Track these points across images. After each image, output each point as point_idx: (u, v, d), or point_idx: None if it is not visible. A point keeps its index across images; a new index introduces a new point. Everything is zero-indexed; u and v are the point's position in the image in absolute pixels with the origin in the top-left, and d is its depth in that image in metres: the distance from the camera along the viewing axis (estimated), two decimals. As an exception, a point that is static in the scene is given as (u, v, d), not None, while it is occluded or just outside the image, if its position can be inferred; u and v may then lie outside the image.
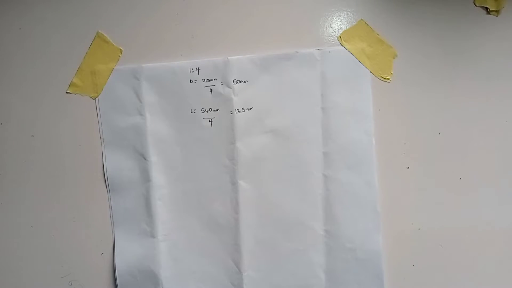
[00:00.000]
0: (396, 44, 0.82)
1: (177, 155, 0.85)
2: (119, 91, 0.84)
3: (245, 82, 0.83)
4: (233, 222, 0.84)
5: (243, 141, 0.83)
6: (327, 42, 0.83)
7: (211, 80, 0.83)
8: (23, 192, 0.87)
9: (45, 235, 0.87)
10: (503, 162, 0.83)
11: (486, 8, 0.81)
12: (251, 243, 0.85)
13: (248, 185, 0.84)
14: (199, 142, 0.84)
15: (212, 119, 0.84)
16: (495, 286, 0.84)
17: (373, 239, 0.83)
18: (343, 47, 0.83)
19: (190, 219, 0.86)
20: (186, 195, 0.85)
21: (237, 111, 0.83)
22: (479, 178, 0.83)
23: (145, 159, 0.85)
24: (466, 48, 0.82)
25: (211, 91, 0.83)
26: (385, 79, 0.83)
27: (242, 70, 0.82)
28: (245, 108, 0.83)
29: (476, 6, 0.82)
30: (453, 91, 0.83)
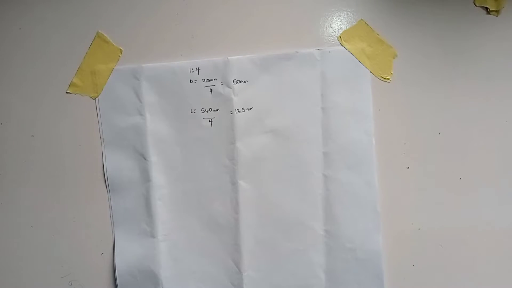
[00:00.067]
0: (396, 44, 0.82)
1: (177, 155, 0.85)
2: (119, 91, 0.84)
3: (245, 82, 0.83)
4: (233, 222, 0.84)
5: (243, 141, 0.83)
6: (327, 42, 0.83)
7: (211, 80, 0.83)
8: (23, 192, 0.87)
9: (45, 235, 0.87)
10: (503, 162, 0.83)
11: (486, 8, 0.81)
12: (251, 243, 0.85)
13: (248, 185, 0.84)
14: (199, 142, 0.84)
15: (212, 119, 0.84)
16: (495, 286, 0.84)
17: (373, 239, 0.83)
18: (343, 47, 0.82)
19: (190, 219, 0.86)
20: (186, 195, 0.85)
21: (237, 111, 0.83)
22: (479, 178, 0.83)
23: (145, 159, 0.84)
24: (466, 48, 0.82)
25: (211, 91, 0.83)
26: (385, 79, 0.83)
27: (242, 70, 0.82)
28: (245, 108, 0.83)
29: (476, 6, 0.82)
30: (453, 91, 0.83)
